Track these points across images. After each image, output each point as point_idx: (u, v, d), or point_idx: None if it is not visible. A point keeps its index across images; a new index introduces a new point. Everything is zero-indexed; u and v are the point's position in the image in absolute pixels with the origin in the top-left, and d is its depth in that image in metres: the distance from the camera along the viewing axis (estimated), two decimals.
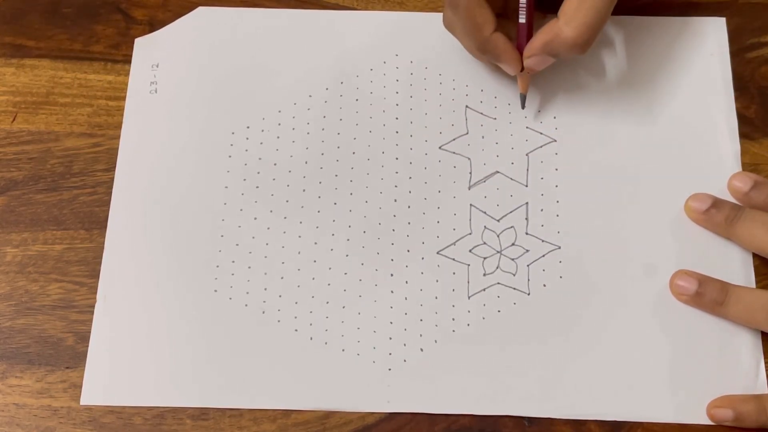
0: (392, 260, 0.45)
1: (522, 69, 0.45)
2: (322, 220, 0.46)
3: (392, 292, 0.44)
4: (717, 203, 0.44)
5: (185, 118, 0.48)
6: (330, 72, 0.49)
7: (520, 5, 0.45)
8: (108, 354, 0.43)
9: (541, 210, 0.46)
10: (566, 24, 0.42)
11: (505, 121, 0.48)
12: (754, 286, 0.44)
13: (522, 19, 0.45)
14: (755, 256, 0.44)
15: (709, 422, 0.42)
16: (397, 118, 0.48)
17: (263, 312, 0.44)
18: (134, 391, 0.43)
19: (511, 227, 0.46)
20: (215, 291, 0.44)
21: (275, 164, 0.47)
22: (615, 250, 0.45)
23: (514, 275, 0.45)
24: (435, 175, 0.47)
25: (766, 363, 0.43)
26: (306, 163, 0.47)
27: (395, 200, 0.46)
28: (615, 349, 0.43)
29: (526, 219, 0.46)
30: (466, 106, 0.48)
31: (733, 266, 0.44)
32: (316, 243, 0.45)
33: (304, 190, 0.46)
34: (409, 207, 0.46)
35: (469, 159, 0.47)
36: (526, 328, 0.44)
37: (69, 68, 0.50)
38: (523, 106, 0.48)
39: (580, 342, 0.43)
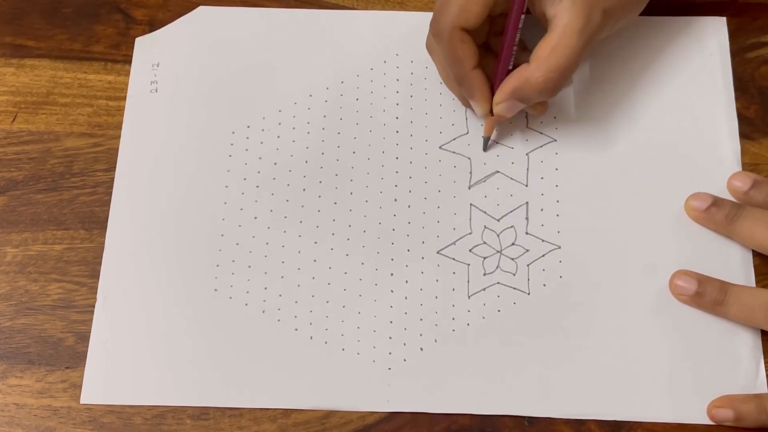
0: (392, 260, 0.45)
1: (491, 113, 0.45)
2: (322, 220, 0.46)
3: (392, 291, 0.44)
4: (717, 202, 0.44)
5: (185, 117, 0.48)
6: (330, 71, 0.49)
7: (501, 49, 0.43)
8: (108, 354, 0.43)
9: (541, 210, 0.46)
10: (537, 68, 0.42)
11: (505, 120, 0.48)
12: (754, 285, 0.44)
13: (504, 62, 0.44)
14: (755, 254, 0.44)
15: (709, 422, 0.42)
16: (397, 118, 0.48)
17: (263, 311, 0.44)
18: (134, 391, 0.43)
19: (511, 227, 0.46)
20: (215, 290, 0.44)
21: (275, 163, 0.47)
22: (615, 250, 0.45)
23: (514, 275, 0.45)
24: (435, 174, 0.47)
25: (766, 363, 0.43)
26: (306, 162, 0.47)
27: (395, 199, 0.46)
28: (615, 348, 0.43)
29: (526, 219, 0.46)
30: None
31: (733, 265, 0.44)
32: (316, 242, 0.45)
33: (304, 190, 0.46)
34: (409, 206, 0.46)
35: (469, 159, 0.47)
36: (525, 328, 0.43)
37: (69, 68, 0.50)
38: (485, 149, 0.47)
39: (580, 342, 0.43)
